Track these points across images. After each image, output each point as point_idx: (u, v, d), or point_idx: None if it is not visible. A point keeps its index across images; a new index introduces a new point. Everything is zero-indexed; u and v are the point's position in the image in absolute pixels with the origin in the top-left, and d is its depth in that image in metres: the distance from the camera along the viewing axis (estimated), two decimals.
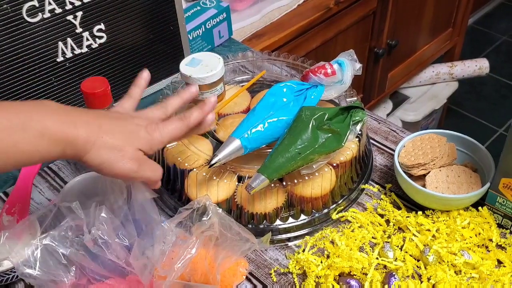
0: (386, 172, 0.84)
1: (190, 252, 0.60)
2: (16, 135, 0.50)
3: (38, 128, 0.51)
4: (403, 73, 1.89)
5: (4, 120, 0.50)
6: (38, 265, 0.61)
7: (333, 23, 1.42)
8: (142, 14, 0.92)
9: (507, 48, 2.64)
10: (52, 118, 0.53)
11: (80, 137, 0.54)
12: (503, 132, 2.19)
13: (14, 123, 0.50)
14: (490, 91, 2.41)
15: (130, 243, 0.64)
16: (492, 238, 0.71)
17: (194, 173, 0.73)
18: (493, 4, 2.84)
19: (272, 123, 0.72)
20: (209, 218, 0.63)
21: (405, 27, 1.73)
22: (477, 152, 0.78)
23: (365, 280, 0.66)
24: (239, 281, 0.69)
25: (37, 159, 0.53)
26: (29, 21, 0.79)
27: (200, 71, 0.77)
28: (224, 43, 1.14)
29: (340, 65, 0.77)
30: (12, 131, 0.50)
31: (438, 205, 0.74)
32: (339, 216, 0.76)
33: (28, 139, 0.51)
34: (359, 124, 0.74)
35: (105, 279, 0.65)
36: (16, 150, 0.50)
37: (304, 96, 0.76)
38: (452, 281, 0.65)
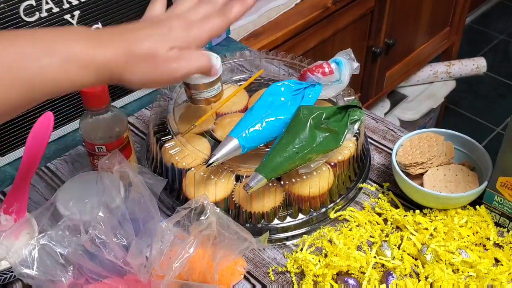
0: (384, 171, 0.84)
1: (188, 252, 0.60)
2: (42, 61, 0.46)
3: (64, 53, 0.47)
4: (401, 72, 1.89)
5: (29, 46, 0.46)
6: (35, 265, 0.61)
7: (330, 22, 1.42)
8: (140, 13, 0.91)
9: (504, 47, 2.64)
10: (78, 42, 0.49)
11: (110, 58, 0.50)
12: (500, 131, 2.19)
13: (38, 48, 0.47)
14: (487, 90, 2.42)
15: (128, 242, 0.64)
16: (490, 237, 0.71)
17: (192, 172, 0.72)
18: (491, 3, 2.84)
19: (270, 122, 0.72)
20: (207, 217, 0.63)
21: (403, 26, 1.73)
22: (475, 151, 0.78)
23: (363, 279, 0.67)
24: (237, 280, 0.69)
25: (67, 87, 0.49)
26: (27, 21, 0.79)
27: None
28: (221, 42, 1.14)
29: (337, 64, 0.77)
30: (37, 56, 0.46)
31: (435, 204, 0.74)
32: (337, 215, 0.76)
33: (56, 64, 0.47)
34: (356, 123, 0.74)
35: (103, 279, 0.65)
36: (43, 77, 0.46)
37: (302, 95, 0.76)
38: (450, 279, 0.66)
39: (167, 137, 0.77)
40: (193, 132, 0.78)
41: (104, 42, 0.50)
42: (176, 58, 0.53)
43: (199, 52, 0.56)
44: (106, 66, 0.50)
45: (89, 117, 0.74)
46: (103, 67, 0.50)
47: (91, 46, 0.49)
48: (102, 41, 0.50)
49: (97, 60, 0.49)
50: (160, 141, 0.76)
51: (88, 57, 0.49)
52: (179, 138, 0.76)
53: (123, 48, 0.51)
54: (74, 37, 0.50)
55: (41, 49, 0.47)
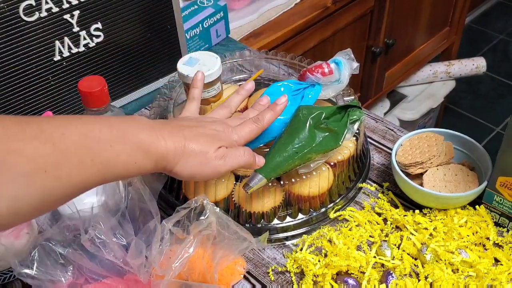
0: (383, 171, 0.84)
1: (187, 251, 0.60)
2: (117, 146, 0.51)
3: (135, 141, 0.53)
4: (401, 72, 1.89)
5: (106, 132, 0.51)
6: (35, 265, 0.61)
7: (330, 22, 1.42)
8: (139, 13, 0.92)
9: (504, 47, 2.64)
10: (144, 132, 0.54)
11: (169, 150, 0.56)
12: (500, 131, 2.19)
13: (114, 135, 0.52)
14: (487, 90, 2.41)
15: (127, 242, 0.64)
16: (489, 237, 0.71)
17: None
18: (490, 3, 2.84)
19: None
20: (207, 217, 0.63)
21: (402, 26, 1.73)
22: (475, 150, 0.78)
23: (362, 278, 0.67)
24: (236, 280, 0.69)
25: (134, 171, 0.54)
26: (26, 20, 0.79)
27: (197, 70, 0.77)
28: (221, 42, 1.14)
29: (337, 64, 0.77)
30: (114, 142, 0.51)
31: (435, 203, 0.74)
32: (336, 215, 0.76)
33: (127, 151, 0.52)
34: (356, 123, 0.74)
35: (103, 279, 0.64)
36: (117, 161, 0.51)
37: (302, 95, 0.76)
38: (450, 279, 0.66)
39: None
40: None
41: (165, 135, 0.56)
42: (223, 155, 0.60)
43: (243, 149, 0.63)
44: (165, 157, 0.56)
45: None
46: (162, 157, 0.55)
47: (154, 139, 0.55)
48: (164, 134, 0.56)
49: (159, 151, 0.55)
50: None
51: (152, 147, 0.54)
52: None
53: (181, 143, 0.57)
54: (140, 127, 0.55)
55: (116, 136, 0.52)
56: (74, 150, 0.48)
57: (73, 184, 0.48)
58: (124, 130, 0.53)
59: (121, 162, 0.52)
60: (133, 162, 0.53)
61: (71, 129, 0.49)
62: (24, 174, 0.44)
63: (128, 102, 0.99)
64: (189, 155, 0.57)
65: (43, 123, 0.48)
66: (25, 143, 0.45)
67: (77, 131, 0.49)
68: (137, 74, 0.97)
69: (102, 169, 0.50)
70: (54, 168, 0.46)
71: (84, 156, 0.48)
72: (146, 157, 0.54)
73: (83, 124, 0.51)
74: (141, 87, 0.99)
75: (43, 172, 0.45)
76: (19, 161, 0.44)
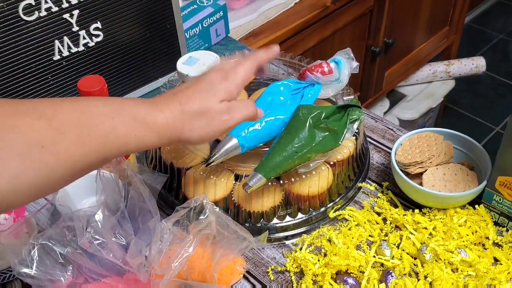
0: (383, 171, 0.84)
1: (187, 251, 0.60)
2: (114, 119, 0.50)
3: (131, 113, 0.52)
4: (400, 71, 1.89)
5: (102, 106, 0.50)
6: (35, 264, 0.61)
7: (330, 21, 1.42)
8: (139, 13, 0.92)
9: (503, 46, 2.64)
10: (139, 106, 0.53)
11: (168, 118, 0.54)
12: (499, 130, 2.19)
13: (110, 109, 0.50)
14: (486, 89, 2.42)
15: (127, 242, 0.64)
16: (489, 236, 0.71)
17: (191, 171, 0.72)
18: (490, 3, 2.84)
19: (269, 121, 0.72)
20: (206, 216, 0.63)
21: (402, 25, 1.73)
22: (474, 150, 0.78)
23: (362, 278, 0.67)
24: (236, 280, 0.69)
25: (135, 145, 0.52)
26: (26, 20, 0.79)
27: (197, 70, 0.77)
28: (221, 41, 1.14)
29: (337, 64, 0.77)
30: (110, 115, 0.50)
31: (435, 203, 0.74)
32: (336, 214, 0.76)
33: (125, 123, 0.51)
34: (356, 123, 0.74)
35: (103, 278, 0.65)
36: (116, 134, 0.50)
37: (301, 94, 0.76)
38: (449, 279, 0.66)
39: None
40: None
41: (161, 106, 0.55)
42: (227, 109, 0.58)
43: (246, 101, 0.62)
44: (166, 127, 0.54)
45: None
46: (164, 129, 0.54)
47: (151, 110, 0.54)
48: (159, 105, 0.55)
49: (158, 123, 0.53)
50: None
51: (151, 119, 0.53)
52: None
53: (177, 109, 0.55)
54: (135, 102, 0.54)
55: (112, 110, 0.51)
56: (69, 125, 0.47)
57: (73, 161, 0.47)
58: (119, 104, 0.52)
59: (120, 135, 0.50)
60: (132, 134, 0.51)
61: (64, 106, 0.48)
62: (20, 150, 0.43)
63: None
64: (191, 118, 0.56)
65: (36, 102, 0.47)
66: (18, 119, 0.44)
67: (71, 107, 0.48)
68: (136, 73, 0.97)
69: (101, 144, 0.49)
70: (51, 144, 0.45)
71: (81, 131, 0.47)
72: (146, 129, 0.52)
73: (77, 101, 0.50)
74: (140, 86, 0.99)
75: (40, 147, 0.44)
76: (14, 137, 0.43)
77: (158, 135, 0.53)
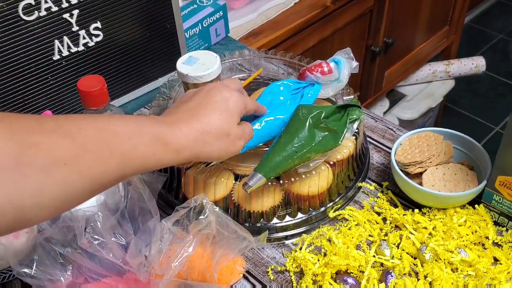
0: (383, 170, 0.84)
1: (187, 251, 0.60)
2: (134, 139, 0.51)
3: (151, 132, 0.53)
4: (400, 71, 1.89)
5: (122, 125, 0.51)
6: (35, 264, 0.61)
7: (330, 21, 1.42)
8: (139, 12, 0.92)
9: (503, 46, 2.64)
10: (158, 125, 0.54)
11: (189, 139, 0.56)
12: (499, 130, 2.19)
13: (130, 128, 0.52)
14: (486, 89, 2.42)
15: (127, 242, 0.64)
16: (489, 236, 0.71)
17: (191, 171, 0.72)
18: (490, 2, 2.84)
19: (269, 121, 0.72)
20: (206, 216, 0.63)
21: (401, 25, 1.73)
22: (474, 150, 0.78)
23: (362, 278, 0.67)
24: (236, 280, 0.69)
25: (154, 164, 0.54)
26: (25, 19, 0.79)
27: (197, 70, 0.77)
28: (220, 41, 1.14)
29: (336, 64, 0.77)
30: (130, 135, 0.51)
31: (434, 203, 0.74)
32: (336, 214, 0.76)
33: (145, 143, 0.52)
34: (356, 123, 0.74)
35: (102, 278, 0.64)
36: (135, 153, 0.51)
37: (301, 94, 0.76)
38: (449, 278, 0.66)
39: None
40: None
41: (181, 125, 0.56)
42: (242, 133, 0.62)
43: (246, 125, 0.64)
44: (186, 147, 0.55)
45: None
46: (183, 148, 0.55)
47: (171, 130, 0.55)
48: (179, 125, 0.56)
49: (178, 142, 0.55)
50: None
51: (170, 138, 0.54)
52: None
53: (198, 129, 0.57)
54: (153, 121, 0.55)
55: (132, 129, 0.52)
56: (92, 143, 0.48)
57: (93, 178, 0.48)
58: (138, 124, 0.53)
59: (140, 154, 0.51)
60: (151, 154, 0.52)
61: (87, 123, 0.49)
62: (44, 167, 0.44)
63: (127, 102, 0.99)
64: (212, 139, 0.58)
65: (60, 119, 0.48)
66: (43, 136, 0.45)
67: (93, 125, 0.49)
68: (136, 73, 0.97)
69: (121, 162, 0.50)
70: (74, 161, 0.46)
71: (102, 149, 0.48)
72: (165, 149, 0.53)
73: (98, 119, 0.51)
74: (140, 86, 0.99)
75: (63, 165, 0.45)
76: (39, 154, 0.44)
77: (177, 154, 0.55)
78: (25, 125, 0.45)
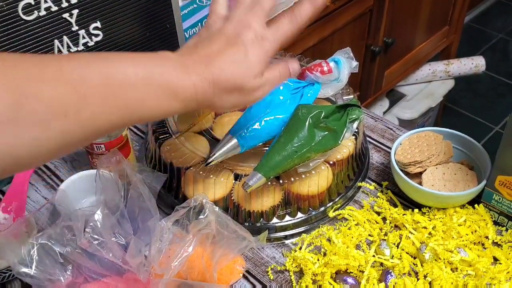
0: (382, 170, 0.84)
1: (187, 250, 0.60)
2: (142, 90, 0.48)
3: (160, 83, 0.49)
4: (400, 71, 1.89)
5: (131, 73, 0.48)
6: (34, 264, 0.61)
7: (329, 21, 1.42)
8: (139, 12, 0.92)
9: (503, 46, 2.64)
10: (169, 72, 0.50)
11: (199, 92, 0.52)
12: (499, 130, 2.19)
13: (140, 77, 0.48)
14: (486, 89, 2.42)
15: (126, 241, 0.64)
16: (488, 236, 0.71)
17: (190, 171, 0.72)
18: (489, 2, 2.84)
19: (269, 121, 0.72)
20: (206, 216, 0.63)
21: (401, 25, 1.73)
22: (474, 150, 0.78)
23: (361, 277, 0.67)
24: (236, 279, 0.69)
25: (159, 114, 0.51)
26: (25, 19, 0.79)
27: None
28: None
29: (336, 63, 0.77)
30: (139, 86, 0.48)
31: (434, 202, 0.74)
32: (336, 214, 0.76)
33: (153, 94, 0.49)
34: (355, 122, 0.74)
35: (102, 278, 0.64)
36: (141, 106, 0.49)
37: (301, 94, 0.76)
38: (449, 278, 0.66)
39: (166, 136, 0.77)
40: (192, 131, 0.78)
41: (190, 70, 0.52)
42: (261, 85, 0.55)
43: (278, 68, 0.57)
44: (194, 96, 0.52)
45: None
46: (191, 97, 0.51)
47: (180, 76, 0.51)
48: (188, 70, 0.52)
49: (186, 93, 0.51)
50: (159, 140, 0.76)
51: (180, 89, 0.51)
52: (178, 137, 0.76)
53: (208, 78, 0.52)
54: (165, 66, 0.51)
55: (141, 78, 0.48)
56: (95, 94, 0.45)
57: (94, 128, 0.46)
58: (150, 70, 0.49)
59: (146, 106, 0.49)
60: (157, 105, 0.50)
61: (92, 70, 0.46)
62: (43, 119, 0.43)
63: None
64: (222, 92, 0.53)
65: (63, 63, 0.45)
66: (43, 85, 0.43)
67: (98, 73, 0.46)
68: None
69: (125, 113, 0.48)
70: (75, 113, 0.44)
71: (106, 99, 0.46)
72: (173, 100, 0.50)
73: (106, 63, 0.48)
74: None
75: (63, 117, 0.44)
76: (37, 105, 0.42)
77: (184, 104, 0.51)
78: (24, 71, 0.43)
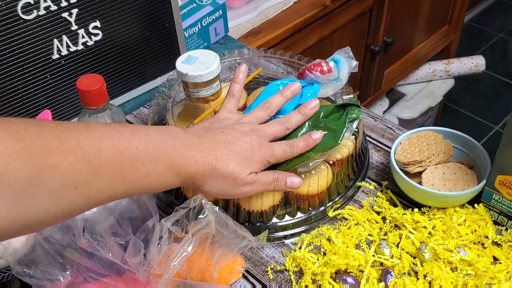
0: (382, 170, 0.84)
1: (186, 250, 0.60)
2: (149, 165, 0.52)
3: (167, 160, 0.54)
4: (400, 70, 1.89)
5: (142, 150, 0.51)
6: (34, 264, 0.61)
7: (329, 20, 1.42)
8: (138, 11, 0.92)
9: (503, 45, 2.64)
10: (178, 151, 0.55)
11: (198, 172, 0.57)
12: (499, 129, 2.19)
13: (149, 153, 0.52)
14: (486, 88, 2.42)
15: (126, 241, 0.64)
16: (488, 235, 0.71)
17: None
18: (489, 2, 2.85)
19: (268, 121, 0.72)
20: (206, 216, 0.63)
21: (401, 24, 1.73)
22: (473, 149, 0.78)
23: (361, 277, 0.66)
24: (235, 279, 0.69)
25: (160, 188, 0.55)
26: (24, 19, 0.79)
27: (196, 69, 0.77)
28: (220, 40, 1.14)
29: (336, 63, 0.77)
30: (146, 161, 0.52)
31: (434, 202, 0.74)
32: (335, 213, 0.76)
33: (159, 171, 0.53)
34: (355, 122, 0.74)
35: (102, 278, 0.64)
36: (146, 180, 0.52)
37: (300, 93, 0.76)
38: (448, 278, 0.66)
39: None
40: None
41: (197, 155, 0.57)
42: (252, 182, 0.61)
43: (272, 176, 0.63)
44: (192, 177, 0.57)
45: (87, 115, 0.74)
46: (190, 177, 0.57)
47: (187, 158, 0.56)
48: (196, 155, 0.56)
49: (188, 172, 0.56)
50: None
51: (183, 168, 0.56)
52: None
53: (212, 165, 0.58)
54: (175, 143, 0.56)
55: (150, 154, 0.52)
56: (106, 168, 0.48)
57: (99, 200, 0.49)
58: (159, 147, 0.53)
59: (150, 181, 0.53)
60: (161, 180, 0.54)
61: (107, 145, 0.49)
62: (56, 190, 0.45)
63: (126, 101, 0.98)
64: (217, 177, 0.58)
65: (82, 137, 0.48)
66: (62, 158, 0.45)
67: (112, 148, 0.49)
68: (135, 72, 0.97)
69: (130, 187, 0.51)
70: (85, 185, 0.47)
71: (115, 175, 0.49)
72: (175, 177, 0.55)
73: (121, 138, 0.51)
74: (139, 85, 0.99)
75: (74, 188, 0.46)
76: (54, 177, 0.45)
77: (183, 180, 0.56)
78: (45, 142, 0.45)
